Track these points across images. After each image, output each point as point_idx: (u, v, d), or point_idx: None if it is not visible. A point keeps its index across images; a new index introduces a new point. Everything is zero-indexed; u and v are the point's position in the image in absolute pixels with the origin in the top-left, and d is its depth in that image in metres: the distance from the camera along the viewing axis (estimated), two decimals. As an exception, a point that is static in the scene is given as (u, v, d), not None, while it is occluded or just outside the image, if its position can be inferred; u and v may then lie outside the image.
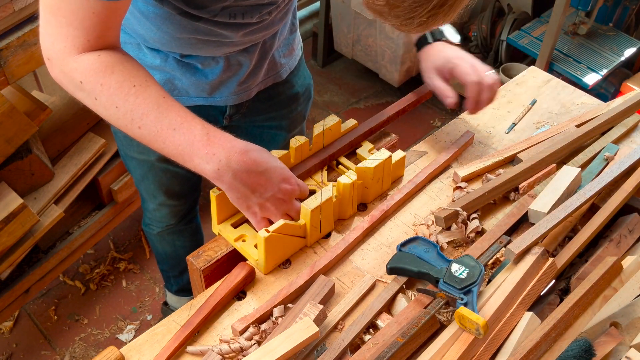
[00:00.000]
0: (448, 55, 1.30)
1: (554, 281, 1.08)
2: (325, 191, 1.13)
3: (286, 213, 1.11)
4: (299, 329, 0.96)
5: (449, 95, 1.30)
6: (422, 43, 1.34)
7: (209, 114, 1.39)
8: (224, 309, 1.08)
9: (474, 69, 1.27)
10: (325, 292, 1.07)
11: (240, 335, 1.01)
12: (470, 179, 1.30)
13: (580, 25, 2.73)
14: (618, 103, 1.43)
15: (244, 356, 0.99)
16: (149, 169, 1.55)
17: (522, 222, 1.19)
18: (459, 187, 1.28)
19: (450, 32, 1.34)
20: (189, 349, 1.02)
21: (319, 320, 1.01)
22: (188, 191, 1.68)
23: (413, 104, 1.46)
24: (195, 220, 1.83)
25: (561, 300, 1.04)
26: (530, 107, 1.48)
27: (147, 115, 0.99)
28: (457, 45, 1.34)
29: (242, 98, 1.38)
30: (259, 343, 1.01)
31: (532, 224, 1.15)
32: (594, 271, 1.02)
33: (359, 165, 1.20)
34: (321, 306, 1.01)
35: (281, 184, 1.08)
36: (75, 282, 2.31)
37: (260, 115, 1.48)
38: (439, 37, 1.33)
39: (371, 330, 1.04)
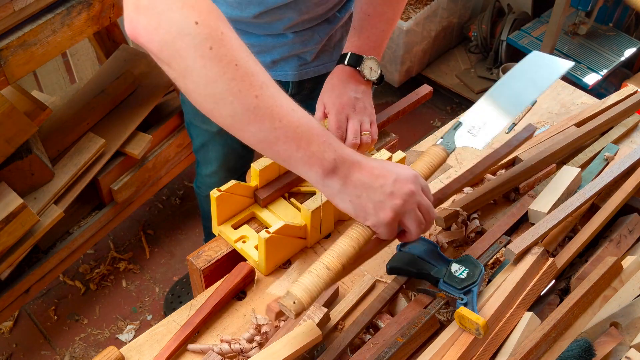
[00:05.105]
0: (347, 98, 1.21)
1: (554, 281, 1.08)
2: (325, 191, 1.13)
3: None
4: (302, 332, 0.96)
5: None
6: (340, 60, 1.25)
7: None
8: (224, 309, 1.08)
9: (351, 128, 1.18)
10: (330, 294, 1.06)
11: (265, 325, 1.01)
12: (470, 179, 1.30)
13: (580, 25, 2.73)
14: (614, 100, 1.43)
15: (244, 357, 0.99)
16: (209, 138, 1.64)
17: (522, 222, 1.19)
18: (459, 187, 1.28)
19: (369, 66, 1.22)
20: (190, 346, 1.02)
21: (322, 323, 1.00)
22: (240, 166, 1.75)
23: (413, 104, 1.46)
24: None
25: (561, 300, 1.04)
26: (530, 107, 1.48)
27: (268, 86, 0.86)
28: (367, 82, 1.23)
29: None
30: (261, 345, 1.01)
31: (532, 224, 1.15)
32: (594, 271, 1.02)
33: (359, 165, 1.20)
34: (325, 309, 1.01)
35: None
36: (75, 282, 2.31)
37: None
38: (353, 63, 1.22)
39: (371, 330, 1.04)
